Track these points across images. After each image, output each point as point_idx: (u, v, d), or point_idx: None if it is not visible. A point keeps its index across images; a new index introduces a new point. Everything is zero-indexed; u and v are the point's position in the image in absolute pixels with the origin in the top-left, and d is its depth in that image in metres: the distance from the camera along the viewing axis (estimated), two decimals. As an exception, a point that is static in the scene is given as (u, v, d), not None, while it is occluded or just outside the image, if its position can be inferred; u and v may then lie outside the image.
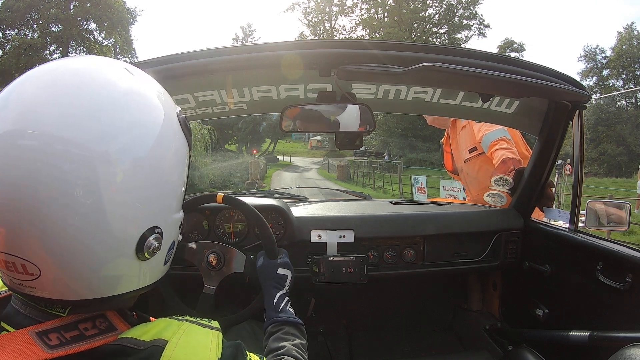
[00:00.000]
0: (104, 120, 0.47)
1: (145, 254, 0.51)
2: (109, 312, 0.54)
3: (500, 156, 1.72)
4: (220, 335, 0.56)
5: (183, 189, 0.60)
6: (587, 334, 1.01)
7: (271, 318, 0.87)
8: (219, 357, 0.53)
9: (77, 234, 0.46)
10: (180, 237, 0.64)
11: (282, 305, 0.89)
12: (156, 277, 0.58)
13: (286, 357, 0.73)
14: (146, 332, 0.51)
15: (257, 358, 0.61)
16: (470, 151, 1.99)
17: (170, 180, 0.55)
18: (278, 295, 0.91)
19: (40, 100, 0.46)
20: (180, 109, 0.61)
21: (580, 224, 1.27)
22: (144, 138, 0.50)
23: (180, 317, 0.56)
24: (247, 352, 0.59)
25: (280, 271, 0.96)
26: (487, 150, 1.85)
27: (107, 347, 0.49)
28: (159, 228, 0.53)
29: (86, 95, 0.47)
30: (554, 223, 1.43)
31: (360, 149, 1.28)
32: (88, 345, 0.49)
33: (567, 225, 1.29)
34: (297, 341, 0.80)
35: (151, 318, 0.59)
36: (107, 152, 0.46)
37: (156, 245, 0.52)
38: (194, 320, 0.57)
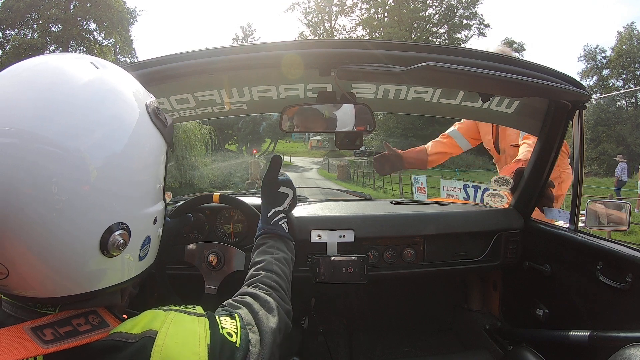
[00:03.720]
0: (76, 118, 0.47)
1: (111, 252, 0.50)
2: (99, 309, 0.54)
3: (520, 153, 1.72)
4: (207, 321, 0.57)
5: (159, 183, 0.59)
6: (587, 334, 1.01)
7: (260, 230, 0.84)
8: (209, 343, 0.53)
9: (50, 232, 0.46)
10: (160, 231, 0.62)
11: (276, 219, 0.86)
12: (134, 273, 0.57)
13: (263, 273, 0.72)
14: (135, 325, 0.52)
15: (229, 318, 0.61)
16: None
17: (141, 175, 0.54)
18: (273, 210, 0.88)
19: (16, 97, 0.47)
20: (152, 99, 0.59)
21: (580, 224, 1.27)
22: (114, 135, 0.50)
23: (165, 307, 0.57)
24: (217, 318, 0.59)
25: (282, 189, 0.94)
26: (520, 140, 1.84)
27: (99, 343, 0.50)
28: (124, 224, 0.51)
29: (60, 92, 0.48)
30: (554, 223, 1.43)
31: (360, 149, 1.28)
32: (82, 340, 0.49)
33: (567, 225, 1.29)
34: (280, 255, 0.78)
35: None
36: (78, 149, 0.46)
37: (121, 241, 0.50)
38: (178, 308, 0.57)
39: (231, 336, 0.58)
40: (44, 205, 0.45)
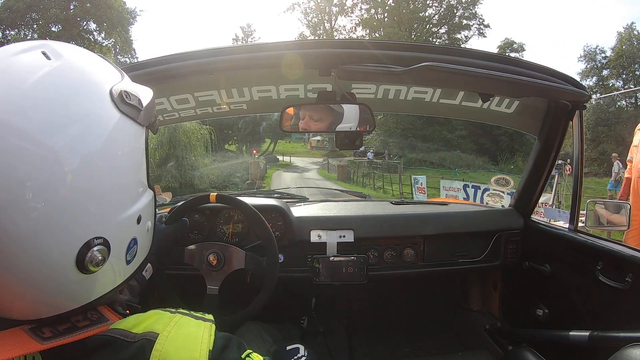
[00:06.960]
0: (53, 112, 0.43)
1: (90, 268, 0.46)
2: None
3: None
4: (213, 326, 0.54)
5: (141, 176, 0.54)
6: (587, 334, 1.01)
7: None
8: (210, 349, 0.50)
9: (26, 244, 0.42)
10: (149, 224, 0.57)
11: None
12: (124, 277, 0.55)
13: None
14: (138, 324, 0.50)
15: (261, 358, 0.57)
16: None
17: (116, 177, 0.48)
18: None
19: None
20: (119, 82, 0.52)
21: (580, 224, 1.27)
22: (87, 132, 0.45)
23: (173, 310, 0.55)
24: (246, 347, 0.56)
25: None
26: None
27: (97, 338, 0.49)
28: (101, 238, 0.46)
29: (36, 83, 0.44)
30: (554, 223, 1.43)
31: (360, 149, 1.28)
32: (80, 335, 0.48)
33: (567, 225, 1.29)
34: None
35: None
36: (53, 148, 0.42)
37: (100, 258, 0.46)
38: (187, 312, 0.55)
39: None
40: (23, 213, 0.41)
